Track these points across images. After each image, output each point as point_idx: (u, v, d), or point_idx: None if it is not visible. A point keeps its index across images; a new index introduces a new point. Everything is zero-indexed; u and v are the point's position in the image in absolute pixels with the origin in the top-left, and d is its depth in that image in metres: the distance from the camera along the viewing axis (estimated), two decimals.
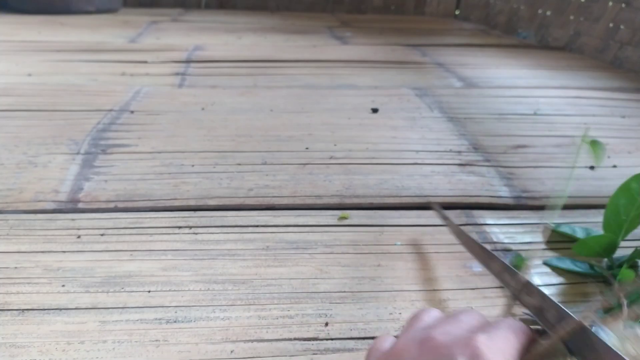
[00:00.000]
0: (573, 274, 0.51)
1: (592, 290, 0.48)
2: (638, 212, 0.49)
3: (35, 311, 0.43)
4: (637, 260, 0.51)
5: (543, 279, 0.50)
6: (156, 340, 0.40)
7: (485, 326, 0.25)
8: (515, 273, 0.31)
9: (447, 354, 0.23)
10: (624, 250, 0.51)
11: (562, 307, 0.27)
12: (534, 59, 1.55)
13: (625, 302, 0.25)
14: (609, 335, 0.23)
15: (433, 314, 0.29)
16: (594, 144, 0.52)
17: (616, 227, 0.50)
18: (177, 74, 1.26)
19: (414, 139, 0.85)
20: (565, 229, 0.58)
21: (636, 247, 0.51)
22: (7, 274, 0.48)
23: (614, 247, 0.51)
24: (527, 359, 0.25)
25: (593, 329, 0.23)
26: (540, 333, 0.26)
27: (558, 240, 0.57)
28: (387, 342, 0.28)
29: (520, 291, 0.30)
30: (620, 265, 0.50)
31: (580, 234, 0.56)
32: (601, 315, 0.25)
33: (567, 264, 0.51)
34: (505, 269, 0.33)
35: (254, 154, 0.77)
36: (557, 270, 0.51)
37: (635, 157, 0.82)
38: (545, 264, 0.52)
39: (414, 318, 0.29)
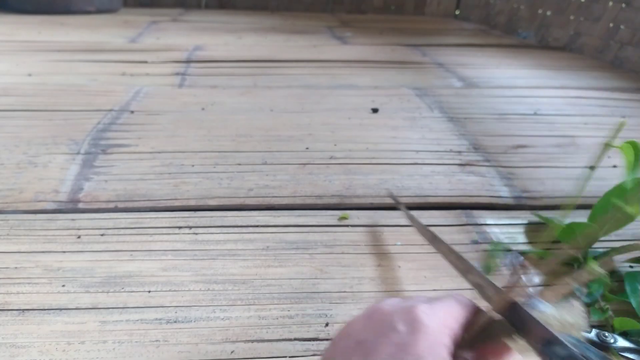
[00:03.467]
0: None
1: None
2: (625, 214, 0.49)
3: (36, 311, 0.43)
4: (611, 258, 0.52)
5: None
6: (156, 341, 0.40)
7: (432, 299, 0.27)
8: (480, 273, 0.33)
9: (389, 321, 0.25)
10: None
11: (498, 285, 0.29)
12: (534, 59, 1.55)
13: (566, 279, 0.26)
14: (545, 306, 0.24)
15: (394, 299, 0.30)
16: (629, 148, 0.50)
17: (601, 222, 0.51)
18: (177, 74, 1.26)
19: (414, 139, 0.85)
20: (553, 219, 0.59)
21: (612, 247, 0.52)
22: (8, 274, 0.48)
23: (594, 238, 0.52)
24: (470, 330, 0.26)
25: (532, 301, 0.25)
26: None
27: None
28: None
29: (466, 272, 0.33)
30: (594, 258, 0.51)
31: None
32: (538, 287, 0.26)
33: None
34: (471, 269, 0.34)
35: (254, 154, 0.77)
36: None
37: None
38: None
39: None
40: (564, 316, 0.24)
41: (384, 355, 0.23)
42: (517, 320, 0.25)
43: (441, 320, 0.25)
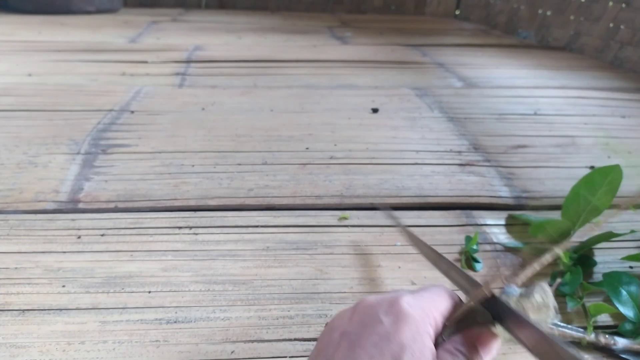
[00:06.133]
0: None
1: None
2: (597, 203, 0.50)
3: (36, 311, 0.43)
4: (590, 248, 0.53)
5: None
6: (156, 341, 0.40)
7: (415, 291, 0.28)
8: (460, 270, 0.33)
9: (373, 313, 0.26)
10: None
11: (475, 280, 0.31)
12: (534, 59, 1.55)
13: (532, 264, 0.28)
14: (517, 290, 0.27)
15: None
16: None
17: (574, 215, 0.51)
18: (177, 74, 1.26)
19: (414, 139, 0.85)
20: (527, 217, 0.60)
21: (590, 236, 0.52)
22: (8, 274, 0.48)
23: (567, 233, 0.52)
24: (452, 319, 0.28)
25: (506, 288, 0.27)
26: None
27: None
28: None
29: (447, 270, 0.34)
30: (574, 251, 0.52)
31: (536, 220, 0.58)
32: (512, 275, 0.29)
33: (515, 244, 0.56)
34: (451, 267, 0.35)
35: (254, 154, 0.77)
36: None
37: (636, 157, 0.82)
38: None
39: None
40: (535, 297, 0.26)
41: (369, 345, 0.24)
42: (493, 308, 0.27)
43: (424, 310, 0.26)
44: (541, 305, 0.26)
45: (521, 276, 0.28)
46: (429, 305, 0.27)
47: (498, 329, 0.27)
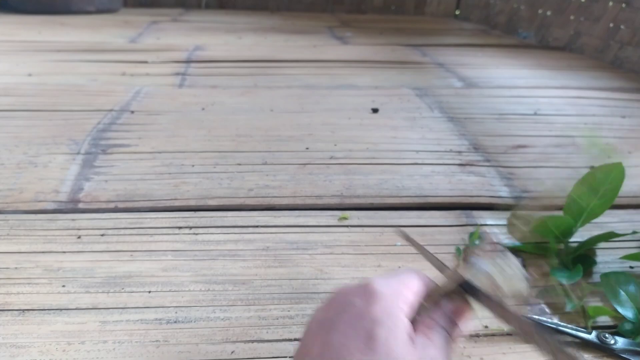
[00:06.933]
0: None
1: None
2: (600, 202, 0.50)
3: (36, 311, 0.43)
4: (592, 247, 0.54)
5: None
6: (156, 341, 0.40)
7: (387, 274, 0.29)
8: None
9: (347, 299, 0.27)
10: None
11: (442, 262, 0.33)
12: (534, 59, 1.55)
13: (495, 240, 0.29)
14: (486, 263, 0.28)
15: None
16: (594, 142, 0.52)
17: (576, 213, 0.52)
18: (177, 74, 1.26)
19: (414, 139, 0.85)
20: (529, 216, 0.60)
21: (592, 235, 0.53)
22: (8, 274, 0.48)
23: (570, 230, 0.52)
24: (427, 299, 0.28)
25: (474, 262, 0.28)
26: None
27: None
28: None
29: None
30: (575, 250, 0.52)
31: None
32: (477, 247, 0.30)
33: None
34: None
35: (254, 154, 0.77)
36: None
37: (636, 157, 0.82)
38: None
39: None
40: (505, 271, 0.28)
41: (343, 326, 0.25)
42: (467, 286, 0.28)
43: (395, 289, 0.27)
44: (512, 277, 0.28)
45: (491, 252, 0.29)
46: (400, 285, 0.27)
47: (470, 301, 0.28)
